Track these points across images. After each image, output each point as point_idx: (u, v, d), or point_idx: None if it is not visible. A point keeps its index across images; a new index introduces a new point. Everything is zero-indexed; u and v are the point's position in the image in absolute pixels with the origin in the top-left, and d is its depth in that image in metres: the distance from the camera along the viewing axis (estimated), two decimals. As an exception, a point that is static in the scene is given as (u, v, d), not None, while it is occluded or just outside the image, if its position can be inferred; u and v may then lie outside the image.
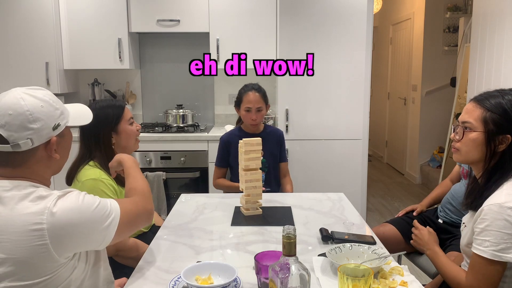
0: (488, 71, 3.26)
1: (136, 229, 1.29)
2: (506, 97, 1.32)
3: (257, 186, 1.91)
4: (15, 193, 1.09)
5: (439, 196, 2.30)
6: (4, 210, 1.07)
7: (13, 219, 1.05)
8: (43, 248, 1.05)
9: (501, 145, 1.32)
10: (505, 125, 1.30)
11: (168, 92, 3.96)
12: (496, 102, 1.32)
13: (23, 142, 1.09)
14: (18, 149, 1.10)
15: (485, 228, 1.25)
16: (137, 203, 1.30)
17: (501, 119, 1.31)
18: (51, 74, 3.48)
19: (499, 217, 1.22)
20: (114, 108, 1.88)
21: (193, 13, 3.48)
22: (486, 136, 1.33)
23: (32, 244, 1.04)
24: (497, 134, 1.31)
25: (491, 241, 1.23)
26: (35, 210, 1.06)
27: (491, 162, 1.34)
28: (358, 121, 3.53)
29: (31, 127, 1.10)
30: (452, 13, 5.19)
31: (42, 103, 1.13)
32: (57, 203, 1.08)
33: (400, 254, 2.21)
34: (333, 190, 2.58)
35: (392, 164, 6.63)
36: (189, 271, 1.26)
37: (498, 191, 1.28)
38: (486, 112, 1.33)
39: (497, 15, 3.14)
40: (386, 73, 6.86)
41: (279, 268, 1.03)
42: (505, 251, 1.22)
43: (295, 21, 3.44)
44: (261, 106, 2.54)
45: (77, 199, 1.12)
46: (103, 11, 3.48)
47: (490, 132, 1.32)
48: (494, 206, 1.24)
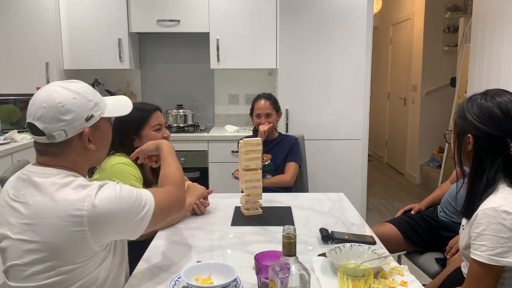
0: (488, 71, 3.26)
1: (169, 218, 1.34)
2: (471, 99, 1.37)
3: (257, 186, 1.91)
4: (56, 180, 1.13)
5: (439, 197, 2.30)
6: (45, 196, 1.10)
7: (54, 205, 1.09)
8: (80, 235, 1.08)
9: (468, 145, 1.35)
10: (464, 126, 1.35)
11: (168, 92, 3.96)
12: (461, 105, 1.39)
13: (57, 134, 1.13)
14: (54, 140, 1.14)
15: (481, 233, 1.24)
16: (171, 193, 1.32)
17: (461, 120, 1.36)
18: (51, 74, 3.48)
19: (494, 221, 1.22)
20: (141, 112, 1.89)
21: (193, 13, 3.49)
22: (456, 137, 1.40)
23: (71, 229, 1.08)
24: (461, 135, 1.37)
25: (488, 246, 1.23)
26: (76, 197, 1.10)
27: (472, 164, 1.37)
28: (358, 121, 3.53)
29: (63, 118, 1.13)
30: (452, 13, 5.19)
31: (74, 95, 1.15)
32: (98, 192, 1.12)
33: (400, 254, 2.20)
34: (333, 190, 2.58)
35: (392, 164, 6.63)
36: (189, 271, 1.26)
37: (492, 195, 1.28)
38: (457, 116, 1.40)
39: (497, 15, 3.14)
40: (386, 73, 6.86)
41: (279, 268, 1.03)
42: (502, 255, 1.21)
43: (295, 21, 3.44)
44: (270, 112, 2.70)
45: (115, 189, 1.15)
46: (103, 11, 3.48)
47: (457, 134, 1.39)
48: (488, 210, 1.24)
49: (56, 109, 1.13)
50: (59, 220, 1.08)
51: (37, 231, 1.08)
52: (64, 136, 1.14)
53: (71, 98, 1.15)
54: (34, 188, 1.13)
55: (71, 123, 1.14)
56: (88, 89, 1.20)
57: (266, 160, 2.73)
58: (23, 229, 1.10)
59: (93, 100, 1.19)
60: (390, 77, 6.77)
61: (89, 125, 1.18)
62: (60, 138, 1.14)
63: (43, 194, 1.11)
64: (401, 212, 2.35)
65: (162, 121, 1.96)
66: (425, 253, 2.16)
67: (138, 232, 1.19)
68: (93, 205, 1.09)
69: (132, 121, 1.86)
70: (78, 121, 1.15)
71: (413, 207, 2.32)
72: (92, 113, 1.18)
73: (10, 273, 1.14)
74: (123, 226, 1.15)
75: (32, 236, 1.09)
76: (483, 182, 1.32)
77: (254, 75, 3.88)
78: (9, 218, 1.13)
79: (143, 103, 1.95)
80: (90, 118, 1.17)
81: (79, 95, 1.16)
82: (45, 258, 1.09)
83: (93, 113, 1.18)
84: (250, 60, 3.52)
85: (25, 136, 3.14)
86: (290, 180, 2.64)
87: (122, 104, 1.32)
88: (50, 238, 1.08)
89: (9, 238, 1.12)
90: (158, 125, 1.92)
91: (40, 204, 1.10)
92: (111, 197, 1.13)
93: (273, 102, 2.76)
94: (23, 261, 1.10)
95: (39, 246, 1.08)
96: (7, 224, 1.14)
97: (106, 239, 1.16)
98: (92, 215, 1.09)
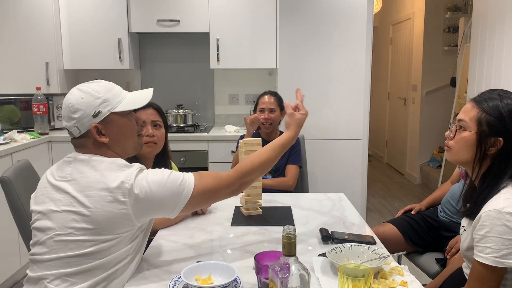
0: (488, 71, 3.26)
1: (215, 201, 1.42)
2: (504, 101, 1.32)
3: (257, 186, 1.91)
4: (102, 159, 1.27)
5: (439, 198, 2.30)
6: (93, 169, 1.23)
7: (102, 178, 1.21)
8: (123, 206, 1.20)
9: (492, 147, 1.31)
10: (498, 128, 1.30)
11: (168, 92, 3.96)
12: (493, 105, 1.32)
13: (73, 130, 1.28)
14: (73, 136, 1.30)
15: (485, 235, 1.23)
16: (221, 179, 1.38)
17: (495, 121, 1.31)
18: (51, 74, 3.48)
19: (498, 223, 1.21)
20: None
21: (193, 13, 3.48)
22: (478, 136, 1.33)
23: (116, 200, 1.20)
24: (489, 136, 1.31)
25: (492, 248, 1.22)
26: (122, 174, 1.22)
27: (482, 165, 1.33)
28: (358, 121, 3.53)
29: (73, 117, 1.27)
30: (452, 13, 5.19)
31: (83, 94, 1.27)
32: (139, 172, 1.25)
33: (400, 254, 2.20)
34: (333, 190, 2.58)
35: (392, 164, 6.63)
36: (189, 271, 1.26)
37: (496, 197, 1.27)
38: (481, 113, 1.33)
39: (497, 15, 3.14)
40: (386, 73, 6.86)
41: (279, 268, 1.03)
42: (506, 257, 1.20)
43: (295, 21, 3.44)
44: (274, 108, 2.69)
45: (160, 172, 1.27)
46: (103, 11, 3.48)
47: (482, 133, 1.32)
48: (492, 212, 1.23)
49: (68, 109, 1.28)
50: (106, 192, 1.19)
51: (84, 202, 1.19)
52: (78, 132, 1.28)
53: (80, 98, 1.27)
54: (83, 164, 1.25)
55: (80, 120, 1.26)
56: (100, 88, 1.29)
57: None
58: (70, 201, 1.21)
59: (101, 97, 1.28)
60: (390, 77, 6.77)
61: (97, 121, 1.27)
62: (76, 133, 1.28)
63: (92, 168, 1.24)
64: (401, 212, 2.35)
65: (148, 120, 1.84)
66: (425, 253, 2.16)
67: (176, 211, 1.29)
68: (136, 180, 1.21)
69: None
70: (86, 118, 1.26)
71: (413, 207, 2.32)
72: (99, 109, 1.27)
73: (47, 244, 1.22)
74: (161, 203, 1.25)
75: (78, 208, 1.19)
76: (494, 185, 1.30)
77: (254, 75, 3.88)
78: (54, 195, 1.24)
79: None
80: (97, 114, 1.27)
81: (87, 94, 1.27)
82: (88, 228, 1.19)
83: (101, 110, 1.27)
84: (250, 60, 3.52)
85: (25, 136, 3.14)
86: (291, 184, 2.61)
87: (140, 98, 1.38)
88: (97, 208, 1.19)
89: (54, 212, 1.22)
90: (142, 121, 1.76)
91: (89, 178, 1.22)
92: (152, 176, 1.24)
93: (278, 99, 2.75)
94: (66, 230, 1.20)
95: (85, 216, 1.19)
96: (51, 200, 1.24)
97: (146, 215, 1.26)
98: (134, 189, 1.20)
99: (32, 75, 3.47)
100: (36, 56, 3.45)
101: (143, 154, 1.83)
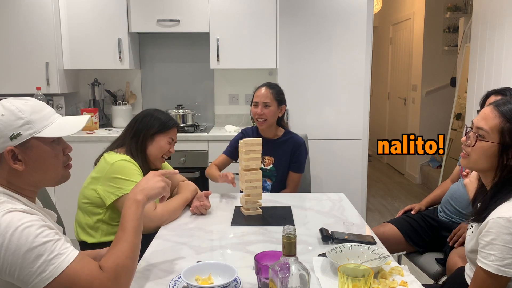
0: (488, 71, 3.26)
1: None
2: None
3: (257, 186, 1.91)
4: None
5: (439, 197, 2.31)
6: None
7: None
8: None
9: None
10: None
11: (168, 92, 3.96)
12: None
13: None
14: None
15: (491, 242, 1.21)
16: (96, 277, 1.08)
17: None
18: (51, 74, 3.48)
19: (506, 232, 1.19)
20: (167, 119, 2.00)
21: (193, 13, 3.48)
22: (500, 148, 1.26)
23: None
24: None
25: (497, 256, 1.20)
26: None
27: (502, 174, 1.28)
28: (358, 121, 3.53)
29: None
30: (452, 13, 5.19)
31: (4, 111, 1.09)
32: (4, 216, 1.02)
33: (400, 254, 2.21)
34: (333, 190, 2.58)
35: (392, 164, 6.63)
36: (189, 271, 1.26)
37: (506, 204, 1.24)
38: (505, 123, 1.25)
39: (497, 15, 3.14)
40: (386, 73, 6.86)
41: (279, 268, 1.03)
42: (510, 266, 1.19)
43: (295, 21, 3.44)
44: (269, 102, 2.39)
45: (12, 220, 1.01)
46: (103, 11, 3.48)
47: (505, 145, 1.25)
48: (501, 219, 1.20)
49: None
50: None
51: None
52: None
53: (0, 115, 1.09)
54: None
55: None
56: (27, 107, 1.12)
57: (269, 163, 2.49)
58: None
59: (24, 118, 1.10)
60: (390, 77, 6.77)
61: (14, 144, 1.09)
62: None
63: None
64: (402, 212, 2.35)
65: (175, 138, 2.05)
66: (425, 253, 2.17)
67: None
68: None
69: (157, 121, 1.97)
70: (2, 138, 1.08)
71: (413, 207, 2.32)
72: (19, 131, 1.09)
73: None
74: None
75: None
76: (508, 192, 1.26)
77: (254, 75, 3.88)
78: None
79: (170, 115, 2.07)
80: (16, 136, 1.09)
81: (9, 113, 1.09)
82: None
83: (21, 132, 1.10)
84: (250, 60, 3.51)
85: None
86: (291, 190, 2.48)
87: (70, 125, 1.19)
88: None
89: None
90: (171, 139, 2.02)
91: None
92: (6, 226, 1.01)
93: (276, 92, 2.43)
94: None
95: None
96: None
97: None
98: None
99: (32, 75, 3.46)
100: (36, 56, 3.45)
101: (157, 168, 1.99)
